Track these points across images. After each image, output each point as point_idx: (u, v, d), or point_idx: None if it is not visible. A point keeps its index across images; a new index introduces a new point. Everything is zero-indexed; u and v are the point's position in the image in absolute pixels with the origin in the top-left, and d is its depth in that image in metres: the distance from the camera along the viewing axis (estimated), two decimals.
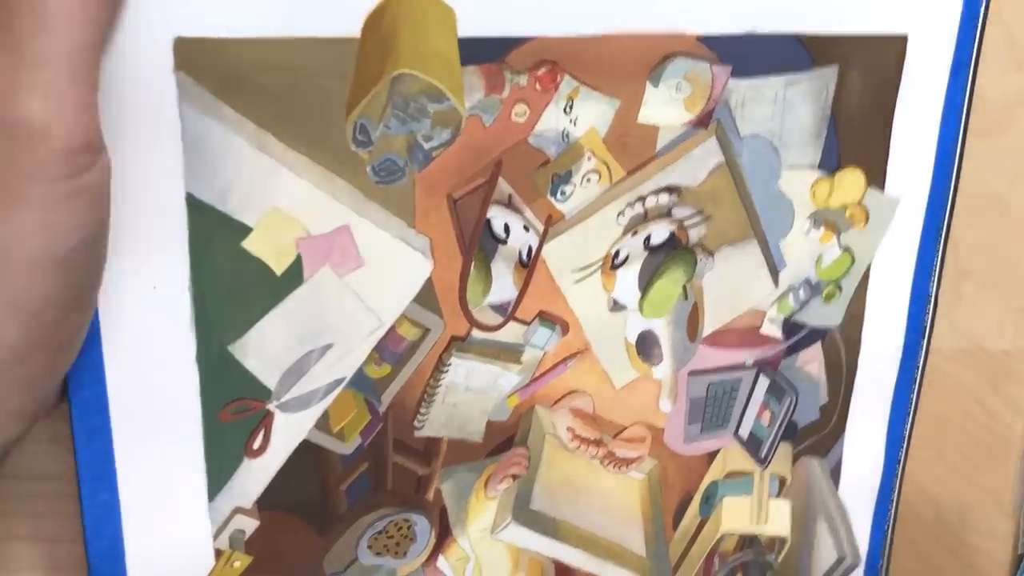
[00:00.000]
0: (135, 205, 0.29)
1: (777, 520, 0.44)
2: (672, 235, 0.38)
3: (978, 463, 0.40)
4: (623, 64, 0.34)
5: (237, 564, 0.34)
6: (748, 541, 0.44)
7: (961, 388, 0.47)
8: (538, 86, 0.33)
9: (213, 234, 0.30)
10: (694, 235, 0.38)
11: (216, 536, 0.34)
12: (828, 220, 0.40)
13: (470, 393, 0.36)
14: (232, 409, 0.32)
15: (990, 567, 0.49)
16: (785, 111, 0.37)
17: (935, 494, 0.48)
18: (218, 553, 0.34)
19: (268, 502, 0.34)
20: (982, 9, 0.40)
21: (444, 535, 0.38)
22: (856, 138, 0.39)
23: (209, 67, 0.28)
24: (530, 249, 0.35)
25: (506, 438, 0.37)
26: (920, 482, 0.47)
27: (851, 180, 0.40)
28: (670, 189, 0.37)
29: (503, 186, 0.34)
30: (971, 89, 0.41)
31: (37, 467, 0.34)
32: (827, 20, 0.37)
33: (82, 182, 0.25)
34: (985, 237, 0.44)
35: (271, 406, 0.33)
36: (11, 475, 0.34)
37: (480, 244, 0.34)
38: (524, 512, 0.39)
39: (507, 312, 0.35)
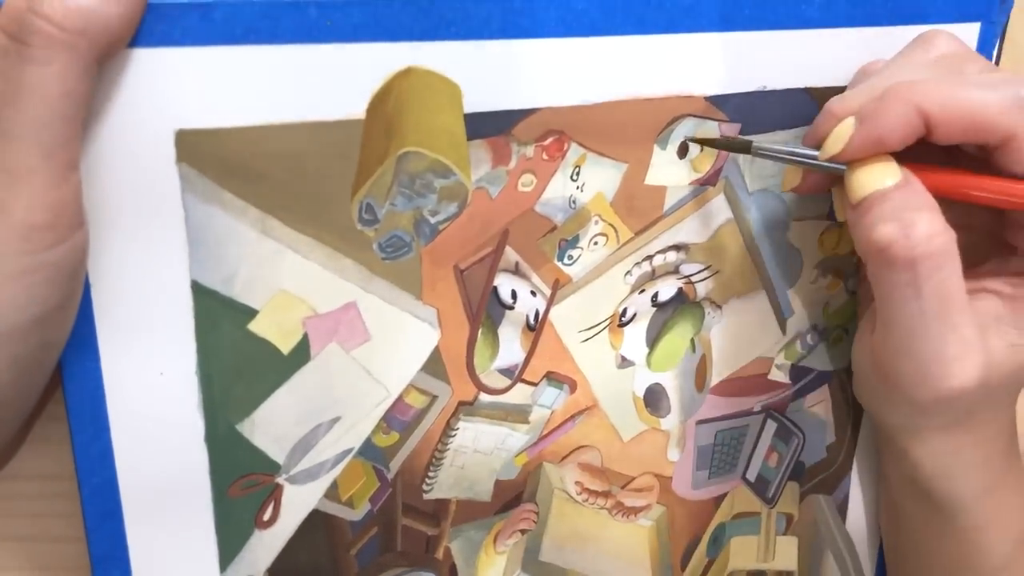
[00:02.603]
0: (141, 294, 0.29)
1: (784, 556, 0.44)
2: (680, 291, 0.37)
3: None
4: (630, 129, 0.34)
5: None
6: None
7: None
8: (544, 156, 0.33)
9: (219, 318, 0.30)
10: (701, 290, 0.38)
11: None
12: (836, 268, 0.40)
13: (478, 455, 0.36)
14: (241, 485, 0.32)
15: None
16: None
17: None
18: None
19: (279, 570, 0.34)
20: (995, 51, 0.39)
21: None
22: None
23: (211, 157, 0.28)
24: (537, 313, 0.35)
25: (514, 495, 0.37)
26: None
27: None
28: (677, 247, 0.36)
29: (510, 254, 0.34)
30: None
31: (37, 467, 0.34)
32: (838, 72, 0.36)
33: (39, 259, 0.24)
34: None
35: (280, 479, 0.33)
36: (11, 475, 0.34)
37: (487, 311, 0.34)
38: (534, 564, 0.39)
39: (515, 375, 0.35)
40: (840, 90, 0.36)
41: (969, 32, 0.38)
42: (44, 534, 0.35)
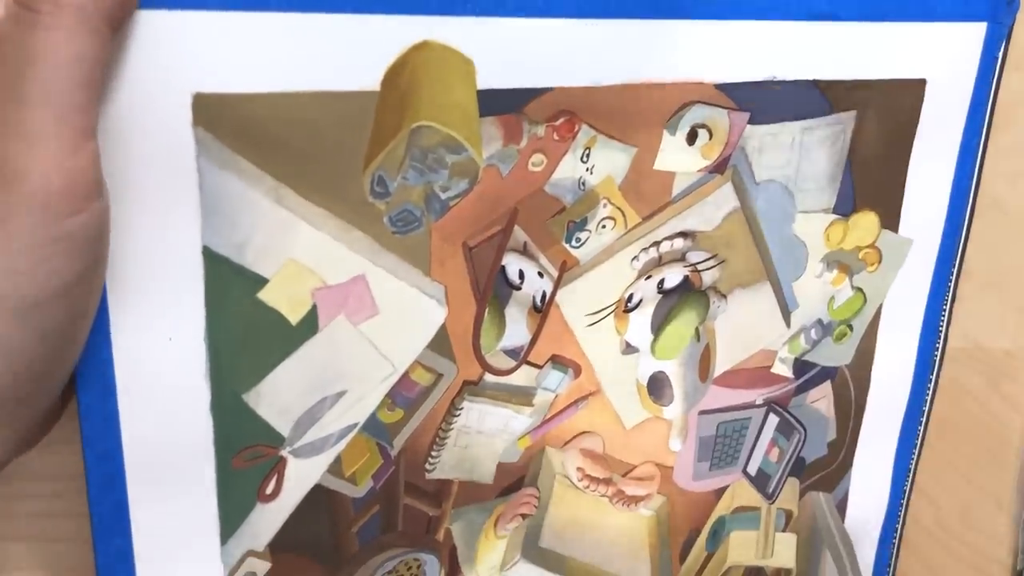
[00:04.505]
0: (152, 258, 0.29)
1: (783, 553, 0.44)
2: (686, 279, 0.37)
3: (978, 462, 0.40)
4: (641, 113, 0.34)
5: None
6: (754, 573, 0.44)
7: (961, 387, 0.47)
8: (555, 136, 0.33)
9: (229, 286, 0.30)
10: (707, 278, 0.38)
11: None
12: (841, 262, 0.40)
13: (481, 436, 0.36)
14: (245, 456, 0.32)
15: (990, 567, 0.50)
16: (801, 157, 0.37)
17: (935, 494, 0.48)
18: None
19: (280, 544, 0.34)
20: (1000, 52, 0.40)
21: (454, 574, 0.38)
22: (871, 181, 0.39)
23: (228, 122, 0.28)
24: (544, 294, 0.35)
25: (516, 479, 0.38)
26: (919, 482, 0.47)
27: (865, 223, 0.40)
28: (685, 234, 0.37)
29: (518, 233, 0.34)
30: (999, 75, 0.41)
31: (38, 467, 0.34)
32: (846, 66, 0.37)
33: (62, 228, 0.24)
34: (985, 237, 0.44)
35: (284, 452, 0.33)
36: (11, 475, 0.34)
37: (494, 290, 0.34)
38: (533, 550, 0.39)
39: (520, 356, 0.36)
40: (849, 85, 0.37)
41: (975, 32, 0.39)
42: (48, 534, 0.35)
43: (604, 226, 0.35)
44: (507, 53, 0.31)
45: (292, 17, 0.28)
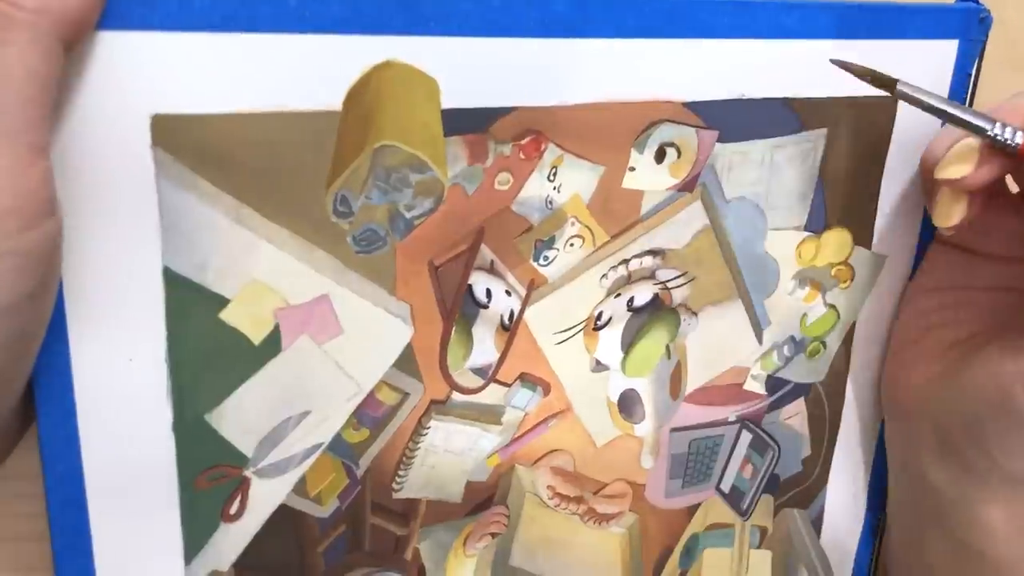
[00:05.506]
0: (113, 279, 0.29)
1: (758, 571, 0.44)
2: (655, 296, 0.37)
3: None
4: (608, 132, 0.34)
5: None
6: None
7: None
8: (522, 155, 0.33)
9: (190, 306, 0.30)
10: (678, 296, 0.38)
11: None
12: (813, 279, 0.40)
13: (449, 455, 0.36)
14: (208, 476, 0.32)
15: None
16: (772, 174, 0.37)
17: None
18: None
19: (245, 565, 0.34)
20: (973, 69, 0.40)
21: None
22: (843, 198, 0.39)
23: (187, 143, 0.28)
24: (512, 313, 0.35)
25: (485, 498, 0.37)
26: None
27: (837, 240, 0.40)
28: (654, 252, 0.37)
29: (485, 252, 0.34)
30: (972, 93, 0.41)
31: (36, 467, 0.33)
32: (817, 84, 0.37)
33: (12, 245, 0.23)
34: None
35: (248, 472, 0.33)
36: (10, 475, 0.33)
37: (462, 309, 0.34)
38: (503, 568, 0.39)
39: (488, 375, 0.35)
40: (820, 103, 0.37)
41: (947, 50, 0.39)
42: (44, 535, 0.35)
43: (572, 244, 0.35)
44: (472, 72, 0.31)
45: (252, 37, 0.28)
